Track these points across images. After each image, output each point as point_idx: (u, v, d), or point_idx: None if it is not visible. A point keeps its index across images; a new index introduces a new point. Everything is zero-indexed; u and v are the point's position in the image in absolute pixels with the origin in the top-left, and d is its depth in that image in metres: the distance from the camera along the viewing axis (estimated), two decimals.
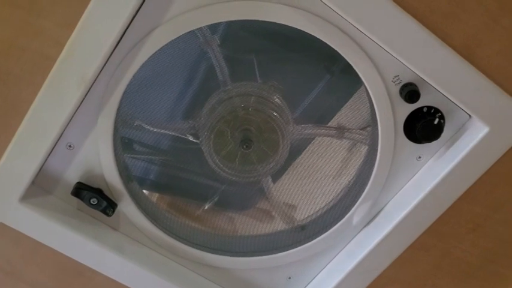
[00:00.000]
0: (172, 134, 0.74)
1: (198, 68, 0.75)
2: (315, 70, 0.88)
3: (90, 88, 0.62)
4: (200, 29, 0.66)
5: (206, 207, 0.83)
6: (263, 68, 0.80)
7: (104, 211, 0.69)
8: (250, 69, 0.81)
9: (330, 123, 0.90)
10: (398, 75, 0.62)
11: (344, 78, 0.88)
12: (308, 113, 0.89)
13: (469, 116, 0.65)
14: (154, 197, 0.98)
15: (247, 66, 0.82)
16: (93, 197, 0.68)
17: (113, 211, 0.70)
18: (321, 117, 0.89)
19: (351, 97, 0.90)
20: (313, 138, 0.97)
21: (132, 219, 0.73)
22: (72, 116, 0.63)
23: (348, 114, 0.90)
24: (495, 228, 0.71)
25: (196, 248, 0.76)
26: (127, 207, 0.72)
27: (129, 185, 0.72)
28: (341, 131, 0.77)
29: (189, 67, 0.75)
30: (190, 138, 0.72)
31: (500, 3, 0.55)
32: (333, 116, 0.92)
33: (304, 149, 0.98)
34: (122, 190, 0.70)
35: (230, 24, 0.76)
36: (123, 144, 0.79)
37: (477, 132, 0.64)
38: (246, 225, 0.96)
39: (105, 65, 0.60)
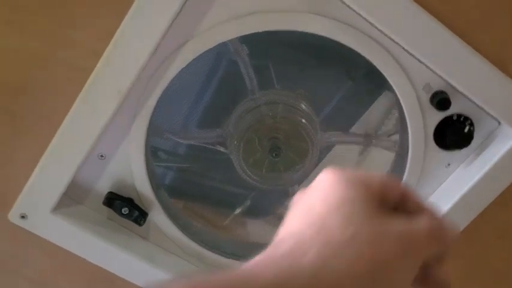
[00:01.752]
0: (201, 144, 0.74)
1: (226, 77, 0.76)
2: (337, 77, 0.89)
3: (125, 99, 0.62)
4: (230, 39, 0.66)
5: (236, 214, 0.83)
6: (287, 76, 0.81)
7: (136, 220, 0.70)
8: (275, 77, 0.82)
9: (351, 130, 0.91)
10: (429, 83, 0.63)
11: (365, 84, 0.89)
12: (329, 119, 0.90)
13: (499, 123, 0.65)
14: (180, 206, 0.98)
15: (273, 74, 0.83)
16: (124, 206, 0.69)
17: (144, 220, 0.70)
18: (342, 123, 0.90)
19: (373, 103, 0.91)
20: (332, 146, 0.98)
21: (162, 228, 0.73)
22: (107, 127, 0.64)
23: (369, 121, 0.91)
24: None
25: (226, 257, 0.77)
26: (157, 216, 0.72)
27: (158, 194, 0.73)
28: (369, 138, 0.77)
29: (218, 76, 0.76)
30: (221, 149, 0.72)
31: None
32: (355, 123, 0.92)
33: (324, 157, 0.99)
34: (153, 199, 0.71)
35: (257, 33, 0.77)
36: (152, 153, 0.80)
37: (506, 139, 0.64)
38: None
39: (140, 75, 0.61)
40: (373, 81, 0.84)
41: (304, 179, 0.76)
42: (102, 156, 0.68)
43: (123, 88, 0.59)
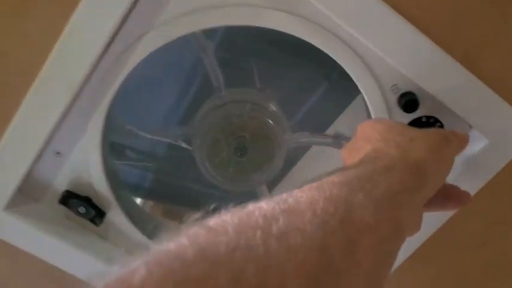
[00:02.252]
0: (164, 140, 0.71)
1: (193, 74, 0.73)
2: (313, 77, 0.86)
3: (79, 94, 0.60)
4: (194, 34, 0.63)
5: (197, 217, 0.80)
6: (260, 75, 0.78)
7: (92, 220, 0.67)
8: (247, 75, 0.80)
9: (327, 131, 0.88)
10: (396, 84, 0.60)
11: (342, 85, 0.86)
12: (305, 120, 0.87)
13: (470, 126, 0.63)
14: (149, 205, 0.96)
15: (244, 72, 0.80)
16: (81, 205, 0.66)
17: (101, 220, 0.68)
18: (318, 124, 0.87)
19: (349, 105, 0.88)
20: (310, 147, 0.95)
21: (121, 228, 0.71)
22: (61, 123, 0.61)
23: (346, 122, 0.89)
24: (496, 241, 0.69)
25: None
26: (116, 216, 0.70)
27: (119, 193, 0.70)
28: (338, 139, 0.75)
29: (183, 72, 0.73)
30: (183, 144, 0.70)
31: (503, 14, 0.53)
32: (331, 124, 0.90)
33: (301, 157, 0.97)
34: (111, 198, 0.68)
35: (228, 29, 0.75)
36: (114, 151, 0.77)
37: (477, 144, 0.62)
38: None
39: (94, 70, 0.58)
40: (349, 83, 0.82)
41: (271, 179, 0.74)
42: (58, 153, 0.65)
43: (75, 82, 0.56)
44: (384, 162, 0.41)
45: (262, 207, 0.29)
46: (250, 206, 0.29)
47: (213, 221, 0.28)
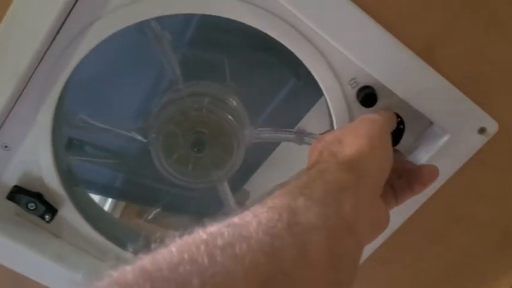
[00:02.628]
0: (118, 131, 0.69)
1: (150, 65, 0.71)
2: (281, 74, 0.85)
3: (26, 84, 0.57)
4: (148, 23, 0.61)
5: (152, 214, 0.78)
6: (228, 70, 0.76)
7: (42, 217, 0.65)
8: (209, 68, 0.78)
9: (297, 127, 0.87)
10: (355, 78, 0.59)
11: (311, 81, 0.85)
12: (273, 116, 0.86)
13: (431, 122, 0.62)
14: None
15: (212, 67, 0.78)
16: (30, 201, 0.64)
17: (52, 217, 0.65)
18: (286, 121, 0.86)
19: (318, 101, 0.87)
20: (279, 143, 0.94)
21: (74, 225, 0.68)
22: (8, 115, 0.59)
23: (313, 119, 0.87)
24: (456, 240, 0.68)
25: None
26: (69, 213, 0.67)
27: (73, 189, 0.68)
28: (300, 135, 0.73)
29: (141, 64, 0.71)
30: (138, 137, 0.68)
31: (462, 2, 0.52)
32: (299, 120, 0.89)
33: (269, 154, 0.95)
34: (63, 195, 0.66)
35: (189, 19, 0.73)
36: (70, 145, 0.75)
37: (437, 139, 0.61)
38: None
39: (42, 59, 0.56)
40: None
41: (232, 175, 0.72)
42: (6, 146, 0.62)
43: (19, 70, 0.54)
44: (317, 168, 0.42)
45: (206, 227, 0.30)
46: (195, 230, 0.30)
47: (158, 249, 0.28)
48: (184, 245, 0.28)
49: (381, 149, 0.47)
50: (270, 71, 0.84)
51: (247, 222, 0.31)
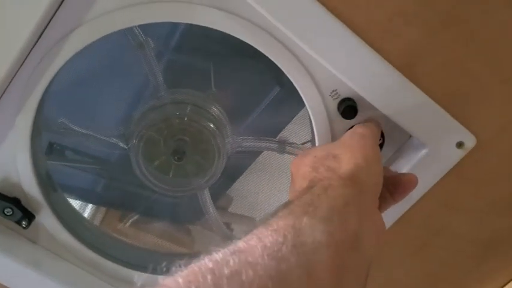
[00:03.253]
0: (99, 137, 0.69)
1: (133, 71, 0.71)
2: (264, 81, 0.85)
3: (6, 89, 0.57)
4: (131, 29, 0.61)
5: (131, 221, 0.78)
6: (208, 76, 0.76)
7: (19, 222, 0.64)
8: (193, 75, 0.78)
9: (279, 136, 0.87)
10: (336, 90, 0.59)
11: (294, 91, 0.85)
12: (255, 125, 0.86)
13: (410, 135, 0.62)
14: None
15: (192, 72, 0.78)
16: (7, 207, 0.63)
17: (29, 223, 0.64)
18: (268, 130, 0.86)
19: (300, 111, 0.87)
20: (260, 152, 0.94)
21: (52, 231, 0.68)
22: None
23: (295, 129, 0.87)
24: (435, 252, 0.69)
25: (124, 266, 0.71)
26: (47, 219, 0.67)
27: (51, 195, 0.67)
28: (282, 145, 0.73)
29: (124, 70, 0.71)
30: (120, 143, 0.67)
31: (440, 17, 0.53)
32: (282, 130, 0.89)
33: (251, 164, 0.95)
34: (41, 200, 0.65)
35: (174, 25, 0.73)
36: (50, 150, 0.74)
37: (416, 152, 0.61)
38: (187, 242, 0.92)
39: (22, 64, 0.55)
40: None
41: (210, 184, 0.72)
42: None
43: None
44: (320, 185, 0.42)
45: (212, 254, 0.30)
46: (202, 257, 0.30)
47: (164, 279, 0.28)
48: (190, 275, 0.28)
49: (375, 163, 0.48)
50: (254, 79, 0.85)
51: (252, 247, 0.31)
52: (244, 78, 0.84)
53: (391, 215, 0.64)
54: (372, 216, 0.44)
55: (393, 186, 0.53)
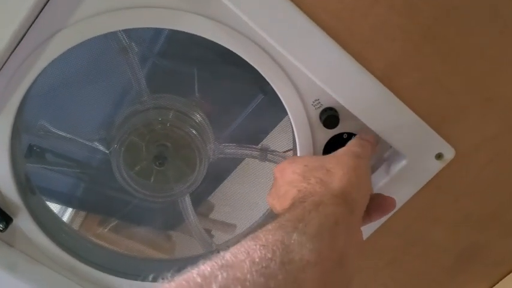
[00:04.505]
0: (80, 140, 0.68)
1: (116, 75, 0.71)
2: (248, 88, 0.85)
3: None
4: (114, 33, 0.61)
5: (111, 226, 0.77)
6: (192, 81, 0.76)
7: None
8: (177, 80, 0.77)
9: (261, 144, 0.87)
10: (318, 99, 0.60)
11: (277, 99, 0.85)
12: (238, 132, 0.86)
13: (390, 146, 0.63)
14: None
15: (176, 77, 0.78)
16: None
17: (6, 226, 0.63)
18: (251, 137, 0.86)
19: (283, 119, 0.87)
20: (243, 160, 0.94)
21: (29, 235, 0.67)
22: None
23: (278, 137, 0.87)
24: (412, 262, 0.69)
25: (101, 271, 0.71)
26: (24, 222, 0.66)
27: (30, 198, 0.66)
28: (264, 153, 0.73)
29: (106, 74, 0.70)
30: (100, 147, 0.67)
31: (422, 32, 0.54)
32: (264, 137, 0.89)
33: (233, 170, 0.95)
34: (19, 203, 0.64)
35: (159, 30, 0.72)
36: (30, 153, 0.73)
37: (396, 163, 0.62)
38: (167, 247, 0.92)
39: (4, 64, 0.55)
40: None
41: (191, 191, 0.72)
42: None
43: None
44: (311, 200, 0.42)
45: (200, 268, 0.30)
46: (189, 269, 0.30)
47: None
48: None
49: (366, 184, 0.49)
50: (238, 86, 0.85)
51: (241, 261, 0.31)
52: (228, 85, 0.84)
53: (370, 224, 0.64)
54: (357, 234, 0.45)
55: (374, 206, 0.54)
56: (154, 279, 0.29)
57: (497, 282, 0.74)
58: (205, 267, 0.30)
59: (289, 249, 0.34)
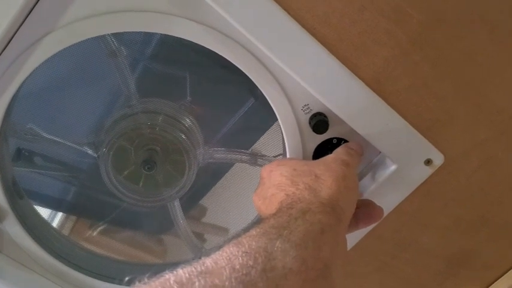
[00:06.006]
0: (69, 144, 0.67)
1: (106, 79, 0.70)
2: (239, 93, 0.85)
3: None
4: (103, 37, 0.61)
5: (99, 229, 0.77)
6: (183, 85, 0.76)
7: None
8: (168, 84, 0.77)
9: (251, 149, 0.87)
10: (308, 104, 0.60)
11: (267, 104, 0.85)
12: (228, 136, 0.85)
13: (379, 151, 0.63)
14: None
15: (167, 81, 0.78)
16: None
17: None
18: (241, 142, 0.86)
19: (273, 124, 0.87)
20: (233, 165, 0.93)
21: (16, 239, 0.66)
22: None
23: (268, 141, 0.87)
24: (401, 268, 0.69)
25: (90, 276, 0.70)
26: (11, 226, 0.65)
27: (17, 202, 0.66)
28: (254, 157, 0.73)
29: (95, 77, 0.70)
30: (89, 151, 0.66)
31: (411, 38, 0.54)
32: (254, 142, 0.89)
33: (225, 173, 0.95)
34: (6, 207, 0.64)
35: (148, 35, 0.72)
36: (18, 156, 0.73)
37: (385, 168, 0.62)
38: (156, 251, 0.91)
39: None
40: None
41: (181, 195, 0.71)
42: None
43: None
44: (299, 207, 0.42)
45: (178, 273, 0.30)
46: (166, 274, 0.30)
47: None
48: None
49: (354, 193, 0.49)
50: (229, 90, 0.85)
51: (220, 268, 0.30)
52: (218, 89, 0.84)
53: (357, 231, 0.65)
54: (342, 243, 0.45)
55: (362, 215, 0.54)
56: (131, 282, 0.29)
57: (488, 287, 0.74)
58: (183, 272, 0.30)
59: (271, 257, 0.33)
